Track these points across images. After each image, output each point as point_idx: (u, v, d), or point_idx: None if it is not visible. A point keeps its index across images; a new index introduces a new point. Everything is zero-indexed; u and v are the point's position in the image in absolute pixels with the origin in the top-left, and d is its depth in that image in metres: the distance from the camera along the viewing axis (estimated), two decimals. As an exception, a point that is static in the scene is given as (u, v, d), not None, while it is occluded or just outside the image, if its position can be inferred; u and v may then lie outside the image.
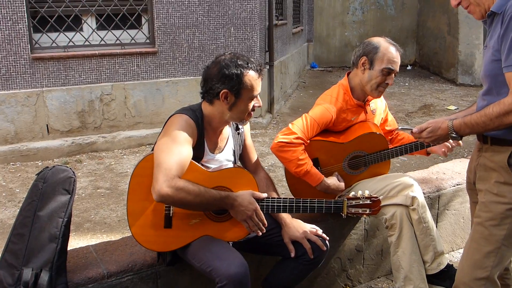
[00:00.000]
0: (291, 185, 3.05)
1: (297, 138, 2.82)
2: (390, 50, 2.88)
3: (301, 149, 2.82)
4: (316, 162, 2.95)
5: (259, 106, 2.46)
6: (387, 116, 3.26)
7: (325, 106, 2.93)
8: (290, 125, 2.89)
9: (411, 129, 2.39)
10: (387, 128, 3.25)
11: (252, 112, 2.46)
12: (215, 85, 2.35)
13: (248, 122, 2.60)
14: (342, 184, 2.94)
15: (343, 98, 2.96)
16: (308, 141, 2.88)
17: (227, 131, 2.58)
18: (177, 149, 2.23)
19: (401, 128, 2.89)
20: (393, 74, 2.90)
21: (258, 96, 2.43)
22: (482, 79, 2.17)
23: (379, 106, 3.17)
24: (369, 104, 3.09)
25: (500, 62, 2.00)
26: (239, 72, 2.32)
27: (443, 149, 2.98)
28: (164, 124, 2.40)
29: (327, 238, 2.56)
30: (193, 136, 2.34)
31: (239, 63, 2.34)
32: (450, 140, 2.52)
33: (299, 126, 2.86)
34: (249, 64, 2.36)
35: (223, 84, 2.33)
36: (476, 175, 2.24)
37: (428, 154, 3.11)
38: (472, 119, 2.06)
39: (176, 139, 2.26)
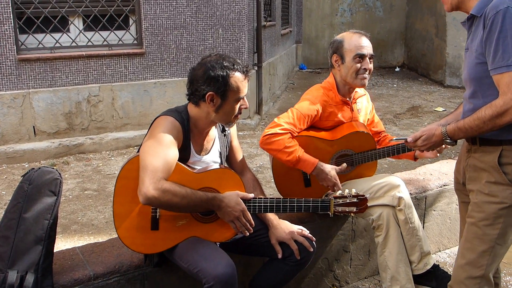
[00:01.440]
0: (279, 185, 3.06)
1: (283, 129, 2.82)
2: (354, 38, 2.94)
3: (287, 137, 2.81)
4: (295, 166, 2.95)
5: (245, 108, 2.46)
6: (373, 118, 3.28)
7: (309, 98, 2.97)
8: (276, 119, 2.90)
9: (405, 139, 2.43)
10: (374, 129, 3.27)
11: (239, 115, 2.45)
12: (201, 87, 2.34)
13: (235, 124, 2.60)
14: (334, 170, 2.89)
15: (328, 94, 3.01)
16: (296, 133, 2.89)
17: (214, 132, 2.58)
18: (163, 151, 2.22)
19: (396, 139, 2.89)
20: (368, 59, 2.93)
21: (245, 98, 2.43)
22: (465, 82, 2.19)
23: (365, 107, 3.19)
24: (355, 103, 3.11)
25: (484, 65, 2.02)
26: (225, 73, 2.32)
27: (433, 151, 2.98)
28: (150, 125, 2.39)
29: (314, 239, 2.57)
30: (178, 138, 2.33)
31: (225, 64, 2.33)
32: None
33: (284, 119, 2.88)
34: (235, 66, 2.35)
35: (209, 86, 2.32)
36: (466, 176, 2.26)
37: (415, 159, 3.12)
38: (466, 123, 2.09)
39: (161, 141, 2.25)
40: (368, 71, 2.93)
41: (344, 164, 2.91)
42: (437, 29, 11.78)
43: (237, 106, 2.41)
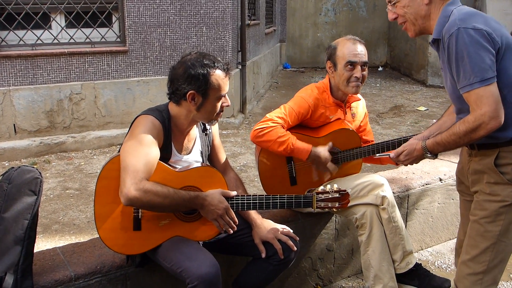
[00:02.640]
0: (265, 184, 3.03)
1: (274, 122, 2.84)
2: (347, 45, 2.93)
3: (279, 127, 2.82)
4: (289, 156, 2.95)
5: (227, 106, 2.45)
6: (365, 125, 3.29)
7: (302, 96, 2.98)
8: (267, 114, 2.90)
9: (389, 155, 2.52)
10: (364, 137, 3.26)
11: (221, 113, 2.44)
12: (182, 86, 2.32)
13: (217, 123, 2.59)
14: (327, 151, 2.91)
15: (322, 94, 3.02)
16: (286, 128, 2.89)
17: (195, 132, 2.56)
18: (144, 151, 2.20)
19: (379, 155, 2.92)
20: (360, 66, 2.92)
21: (227, 96, 2.42)
22: (450, 98, 2.28)
23: (359, 113, 3.20)
24: (350, 107, 3.12)
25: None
26: (205, 72, 2.30)
27: None
28: (130, 125, 2.36)
29: (297, 238, 2.57)
30: (159, 137, 2.31)
31: (205, 62, 2.32)
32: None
33: (276, 114, 2.89)
34: (215, 63, 2.34)
35: (190, 85, 2.31)
36: (469, 180, 2.32)
37: (397, 164, 3.14)
38: (443, 138, 2.18)
39: (142, 141, 2.23)
40: (360, 79, 2.93)
41: (330, 143, 2.92)
42: (419, 29, 11.87)
43: (219, 104, 2.40)
